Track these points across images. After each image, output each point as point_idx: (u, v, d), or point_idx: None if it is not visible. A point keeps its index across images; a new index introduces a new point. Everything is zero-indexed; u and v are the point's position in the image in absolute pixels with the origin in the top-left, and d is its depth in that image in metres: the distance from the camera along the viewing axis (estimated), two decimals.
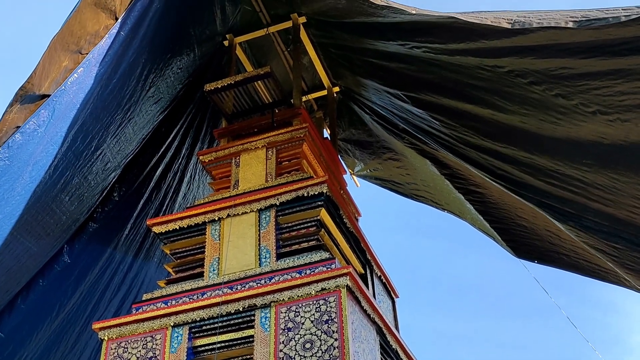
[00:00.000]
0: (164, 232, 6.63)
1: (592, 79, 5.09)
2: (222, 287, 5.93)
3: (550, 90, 5.44)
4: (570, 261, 8.18)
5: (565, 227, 6.66)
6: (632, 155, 5.37)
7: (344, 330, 5.20)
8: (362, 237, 7.20)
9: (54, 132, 5.91)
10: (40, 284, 7.24)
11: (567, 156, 5.92)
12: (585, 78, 5.10)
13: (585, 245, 7.06)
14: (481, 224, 9.45)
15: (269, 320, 5.49)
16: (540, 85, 5.48)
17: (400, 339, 6.51)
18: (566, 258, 8.21)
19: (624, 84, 4.87)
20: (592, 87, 5.15)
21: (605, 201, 6.02)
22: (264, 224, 6.35)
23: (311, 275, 5.59)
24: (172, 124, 8.06)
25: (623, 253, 6.09)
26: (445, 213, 10.00)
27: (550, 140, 6.01)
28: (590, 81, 5.10)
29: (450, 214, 9.98)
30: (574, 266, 8.25)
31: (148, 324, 5.82)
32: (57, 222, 6.77)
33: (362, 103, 9.17)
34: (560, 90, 5.37)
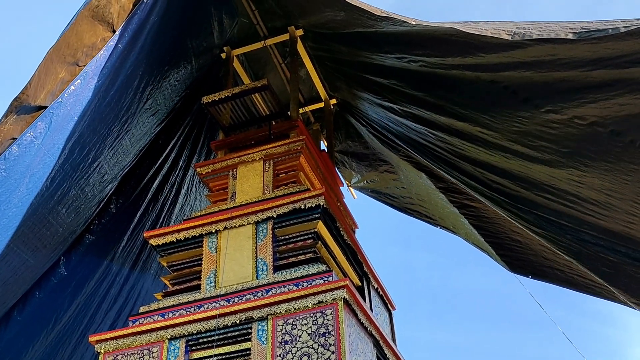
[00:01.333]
0: (160, 245, 6.63)
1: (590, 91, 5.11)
2: (219, 299, 5.92)
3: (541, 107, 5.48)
4: (564, 276, 8.21)
5: (559, 249, 6.74)
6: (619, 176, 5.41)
7: (341, 344, 5.20)
8: (359, 249, 7.21)
9: (51, 144, 5.92)
10: (37, 296, 7.22)
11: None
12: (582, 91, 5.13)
13: (578, 265, 7.11)
14: (475, 239, 9.47)
15: (266, 333, 5.49)
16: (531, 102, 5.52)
17: (397, 351, 6.51)
18: (560, 273, 8.24)
19: (624, 96, 4.90)
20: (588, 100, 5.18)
21: (601, 216, 6.05)
22: (261, 236, 6.36)
23: (308, 287, 5.60)
24: (169, 136, 8.07)
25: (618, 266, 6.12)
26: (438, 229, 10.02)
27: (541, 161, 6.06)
28: (588, 94, 5.13)
29: (444, 230, 10.01)
30: (568, 282, 8.27)
31: (145, 336, 5.81)
32: (53, 234, 6.77)
33: (358, 115, 9.21)
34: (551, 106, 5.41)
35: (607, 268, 6.62)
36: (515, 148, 6.22)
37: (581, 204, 6.05)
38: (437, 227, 9.97)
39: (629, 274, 6.39)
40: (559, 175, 6.12)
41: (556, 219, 6.38)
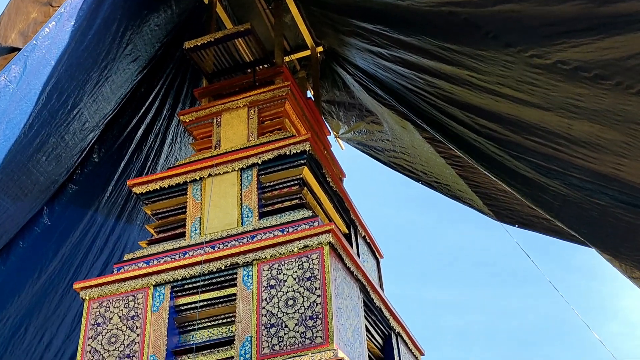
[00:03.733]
0: (144, 193, 6.54)
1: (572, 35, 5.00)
2: (204, 246, 5.86)
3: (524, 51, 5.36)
4: (549, 225, 8.20)
5: (542, 208, 6.71)
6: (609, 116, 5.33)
7: (326, 287, 5.16)
8: (347, 197, 7.14)
9: (27, 89, 5.75)
10: (20, 245, 7.14)
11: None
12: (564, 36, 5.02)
13: (562, 224, 7.09)
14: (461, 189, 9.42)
15: (251, 278, 5.45)
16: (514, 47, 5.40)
17: (385, 297, 6.50)
18: (545, 222, 8.23)
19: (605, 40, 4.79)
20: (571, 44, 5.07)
21: (590, 158, 5.98)
22: (246, 183, 6.27)
23: (293, 233, 5.54)
24: (151, 84, 7.90)
25: (607, 210, 6.08)
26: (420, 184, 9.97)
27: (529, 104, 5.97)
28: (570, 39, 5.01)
29: (425, 186, 9.96)
30: (553, 230, 8.27)
31: (130, 283, 5.76)
32: (34, 182, 6.64)
33: (345, 63, 9.05)
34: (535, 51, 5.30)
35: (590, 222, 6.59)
36: (504, 91, 6.11)
37: (570, 147, 5.98)
38: (419, 183, 9.93)
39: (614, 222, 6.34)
40: (549, 118, 6.03)
41: (545, 163, 6.32)
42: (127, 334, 5.51)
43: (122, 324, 5.58)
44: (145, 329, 5.48)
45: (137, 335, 5.48)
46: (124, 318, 5.60)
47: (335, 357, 4.78)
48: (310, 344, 4.96)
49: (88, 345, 5.57)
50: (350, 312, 5.49)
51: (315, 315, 5.07)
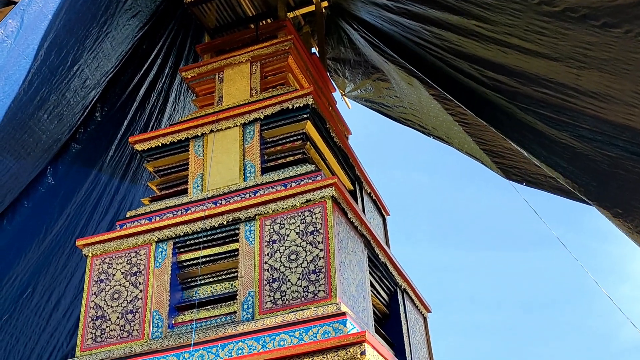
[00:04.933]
0: (146, 150, 6.47)
1: None
2: (206, 202, 5.81)
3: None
4: (557, 184, 8.06)
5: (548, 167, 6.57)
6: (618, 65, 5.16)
7: (329, 241, 5.10)
8: (352, 153, 7.04)
9: (24, 44, 5.65)
10: (25, 205, 7.12)
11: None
12: None
13: (565, 182, 6.95)
14: (469, 147, 9.28)
15: (254, 233, 5.39)
16: None
17: (391, 254, 6.43)
18: (553, 181, 8.09)
19: None
20: None
21: (600, 109, 5.83)
22: (248, 138, 6.18)
23: (296, 187, 5.46)
24: (153, 41, 7.77)
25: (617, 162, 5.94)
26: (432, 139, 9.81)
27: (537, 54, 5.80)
28: None
29: (437, 140, 9.80)
30: (560, 189, 8.13)
31: (132, 239, 5.73)
32: (37, 141, 6.59)
33: (351, 19, 8.85)
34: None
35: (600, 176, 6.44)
36: (511, 41, 5.94)
37: (580, 98, 5.82)
38: (430, 137, 9.77)
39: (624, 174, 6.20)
40: (557, 69, 5.86)
41: (555, 114, 6.16)
42: (130, 290, 5.50)
43: (124, 280, 5.56)
44: (147, 285, 5.47)
45: (140, 291, 5.47)
46: (126, 274, 5.58)
47: (338, 310, 4.74)
48: (313, 298, 4.92)
49: (91, 301, 5.57)
50: (354, 266, 5.44)
51: (317, 270, 5.02)
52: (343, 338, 4.43)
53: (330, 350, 4.42)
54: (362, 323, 5.03)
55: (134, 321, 5.35)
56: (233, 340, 4.87)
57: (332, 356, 4.40)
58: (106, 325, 5.41)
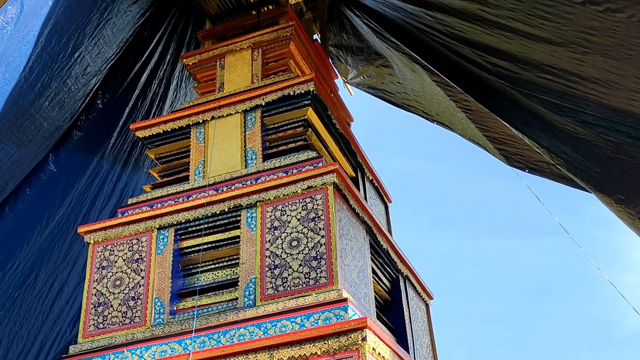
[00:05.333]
0: (148, 137, 6.46)
1: None
2: (207, 189, 5.80)
3: None
4: (559, 172, 8.03)
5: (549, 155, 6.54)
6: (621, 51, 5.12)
7: (330, 228, 5.09)
8: (353, 140, 7.02)
9: (25, 30, 5.63)
10: (27, 192, 7.13)
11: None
12: None
13: (567, 171, 6.91)
14: (472, 133, 9.24)
15: (255, 220, 5.39)
16: None
17: (393, 241, 6.42)
18: (555, 168, 8.06)
19: None
20: None
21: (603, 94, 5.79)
22: (250, 125, 6.16)
23: (297, 173, 5.45)
24: (154, 28, 7.74)
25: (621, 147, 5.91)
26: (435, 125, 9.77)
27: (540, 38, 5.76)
28: None
29: (440, 125, 9.77)
30: (562, 177, 8.10)
31: (133, 226, 5.73)
32: (38, 128, 6.59)
33: (353, 4, 8.80)
34: None
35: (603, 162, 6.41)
36: (515, 25, 5.89)
37: (583, 84, 5.78)
38: (434, 123, 9.73)
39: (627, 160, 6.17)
40: (561, 54, 5.82)
41: (558, 100, 6.13)
42: (132, 277, 5.51)
43: (126, 267, 5.57)
44: (149, 272, 5.47)
45: (142, 278, 5.47)
46: (128, 261, 5.59)
47: (339, 297, 4.74)
48: (315, 285, 4.92)
49: (93, 288, 5.58)
50: (355, 253, 5.43)
51: (319, 256, 5.01)
52: (344, 324, 4.43)
53: (332, 336, 4.42)
54: (364, 309, 5.03)
55: (135, 308, 5.35)
56: (234, 327, 4.88)
57: (334, 342, 4.40)
58: (108, 312, 5.42)
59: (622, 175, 6.24)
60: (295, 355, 4.44)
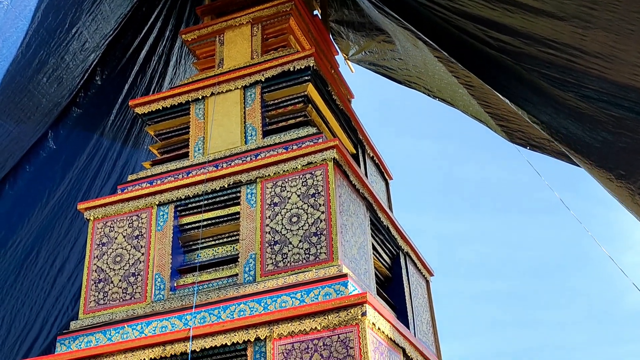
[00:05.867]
0: (147, 113, 6.43)
1: None
2: (206, 165, 5.78)
3: None
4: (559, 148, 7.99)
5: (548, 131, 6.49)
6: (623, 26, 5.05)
7: (330, 203, 5.08)
8: (354, 117, 6.97)
9: (21, 5, 5.57)
10: (27, 170, 7.12)
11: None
12: None
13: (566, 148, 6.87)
14: (474, 110, 9.18)
15: (255, 196, 5.37)
16: None
17: (393, 217, 6.41)
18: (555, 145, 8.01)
19: None
20: None
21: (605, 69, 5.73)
22: (249, 101, 6.12)
23: (297, 149, 5.42)
24: (153, 4, 7.67)
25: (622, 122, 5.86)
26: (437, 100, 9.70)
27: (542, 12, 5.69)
28: None
29: (442, 102, 9.69)
30: (562, 154, 8.06)
31: (133, 203, 5.72)
32: (36, 104, 6.55)
33: None
34: None
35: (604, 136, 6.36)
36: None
37: (585, 58, 5.71)
38: (435, 100, 9.66)
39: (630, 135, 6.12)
40: (563, 29, 5.74)
41: (560, 75, 6.06)
42: (132, 253, 5.51)
43: (126, 243, 5.57)
44: (149, 248, 5.47)
45: (142, 254, 5.47)
46: (128, 237, 5.59)
47: (339, 272, 4.74)
48: (315, 260, 4.91)
49: (94, 264, 5.59)
50: (355, 229, 5.42)
51: (319, 232, 5.00)
52: (344, 299, 4.43)
53: (332, 311, 4.42)
54: (364, 285, 5.03)
55: (136, 284, 5.36)
56: (235, 302, 4.89)
57: (333, 317, 4.40)
58: (108, 288, 5.43)
59: (623, 150, 6.20)
60: (295, 330, 4.45)
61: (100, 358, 4.89)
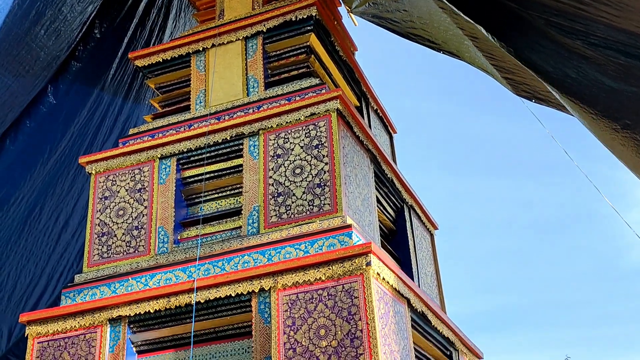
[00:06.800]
0: (147, 66, 6.33)
1: None
2: (208, 118, 5.70)
3: None
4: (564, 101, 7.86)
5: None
6: None
7: (334, 155, 5.01)
8: (358, 68, 6.87)
9: None
10: (28, 125, 7.06)
11: None
12: None
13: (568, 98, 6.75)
14: (479, 62, 9.03)
15: (258, 148, 5.31)
16: None
17: (397, 169, 6.35)
18: None
19: None
20: None
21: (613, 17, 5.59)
22: (251, 52, 6.01)
23: (300, 100, 5.33)
24: None
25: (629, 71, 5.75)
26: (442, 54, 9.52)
27: None
28: None
29: (447, 54, 9.52)
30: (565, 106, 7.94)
31: (135, 156, 5.67)
32: (35, 58, 6.45)
33: None
34: None
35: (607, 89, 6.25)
36: None
37: (594, 6, 5.56)
38: (440, 52, 9.48)
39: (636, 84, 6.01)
40: None
41: (568, 23, 5.92)
42: (135, 207, 5.48)
43: (129, 197, 5.53)
44: (152, 202, 5.44)
45: (145, 207, 5.44)
46: (130, 191, 5.55)
47: (343, 223, 4.70)
48: (318, 212, 4.88)
49: (97, 218, 5.56)
50: (359, 181, 5.37)
51: (323, 183, 4.96)
52: (349, 249, 4.40)
53: (336, 261, 4.40)
54: (368, 237, 5.00)
55: (139, 237, 5.35)
56: (239, 254, 4.87)
57: (338, 267, 4.39)
58: (112, 241, 5.42)
59: (629, 99, 6.09)
60: (300, 280, 4.44)
61: (105, 310, 4.90)
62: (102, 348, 4.79)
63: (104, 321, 4.88)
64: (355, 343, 4.14)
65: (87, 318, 4.93)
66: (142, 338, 4.88)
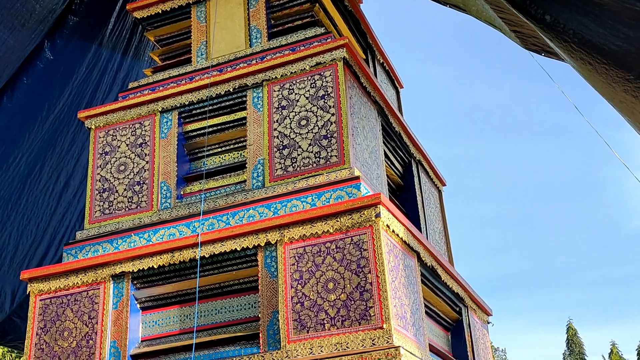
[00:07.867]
0: (146, 17, 6.12)
1: None
2: (210, 70, 5.51)
3: None
4: None
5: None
6: None
7: (341, 105, 4.84)
8: (363, 19, 6.64)
9: None
10: (25, 82, 6.88)
11: None
12: None
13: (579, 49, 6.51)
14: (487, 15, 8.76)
15: (262, 100, 5.14)
16: None
17: (405, 123, 6.18)
18: None
19: None
20: None
21: None
22: (253, 2, 5.79)
23: (305, 50, 5.14)
24: None
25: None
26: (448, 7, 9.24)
27: None
28: None
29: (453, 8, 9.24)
30: None
31: (135, 110, 5.50)
32: (30, 11, 6.23)
33: None
34: None
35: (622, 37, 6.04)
36: None
37: None
38: (446, 6, 9.22)
39: None
40: None
41: None
42: (136, 162, 5.33)
43: (130, 151, 5.38)
44: (154, 156, 5.29)
45: (146, 162, 5.30)
46: (131, 146, 5.40)
47: (351, 175, 4.55)
48: (325, 164, 4.73)
49: (97, 174, 5.42)
50: (367, 133, 5.20)
51: (329, 135, 4.79)
52: (357, 201, 4.26)
53: (344, 213, 4.27)
54: (376, 190, 4.85)
55: (141, 192, 5.21)
56: (244, 208, 4.74)
57: (346, 219, 4.25)
58: (113, 197, 5.28)
59: None
60: (307, 233, 4.31)
61: (108, 266, 4.79)
62: (106, 304, 4.69)
63: (106, 277, 4.77)
64: (365, 296, 4.02)
65: (90, 274, 4.82)
66: (146, 294, 4.78)
